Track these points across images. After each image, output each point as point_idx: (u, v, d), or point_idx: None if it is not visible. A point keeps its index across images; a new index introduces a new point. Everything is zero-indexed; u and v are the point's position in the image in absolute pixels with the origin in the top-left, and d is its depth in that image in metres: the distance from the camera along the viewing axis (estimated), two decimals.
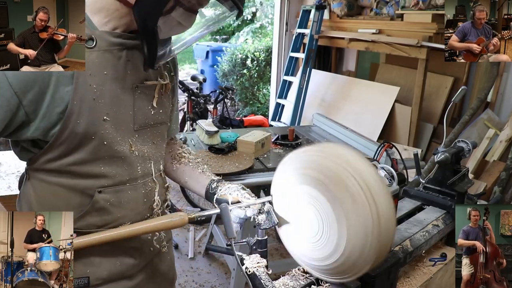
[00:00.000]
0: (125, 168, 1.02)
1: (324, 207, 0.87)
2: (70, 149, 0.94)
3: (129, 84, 0.99)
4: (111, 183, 1.00)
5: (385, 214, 0.82)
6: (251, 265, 0.95)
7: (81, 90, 0.90)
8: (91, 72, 0.91)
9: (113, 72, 0.95)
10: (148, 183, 1.09)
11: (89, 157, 0.96)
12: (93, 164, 0.97)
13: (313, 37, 4.30)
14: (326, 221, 0.87)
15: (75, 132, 0.92)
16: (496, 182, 2.85)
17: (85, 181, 0.98)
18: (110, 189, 1.01)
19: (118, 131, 0.98)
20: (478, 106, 3.15)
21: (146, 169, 1.08)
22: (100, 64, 0.93)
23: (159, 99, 1.07)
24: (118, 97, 0.97)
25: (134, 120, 1.01)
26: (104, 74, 0.94)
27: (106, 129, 0.95)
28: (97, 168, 0.98)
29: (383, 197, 0.83)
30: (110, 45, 0.93)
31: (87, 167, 0.97)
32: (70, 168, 0.96)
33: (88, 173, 0.98)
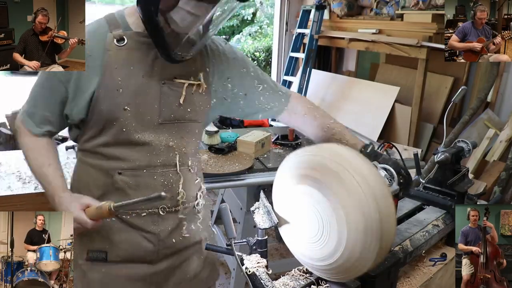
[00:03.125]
0: (144, 155, 1.09)
1: (322, 205, 0.87)
2: (97, 132, 1.07)
3: (157, 79, 1.07)
4: (130, 166, 1.09)
5: (385, 210, 0.82)
6: (251, 265, 0.95)
7: (106, 81, 1.03)
8: (117, 66, 1.03)
9: (140, 67, 1.05)
10: (169, 174, 1.13)
11: (111, 141, 1.07)
12: (115, 147, 1.08)
13: (313, 37, 4.30)
14: (326, 220, 0.87)
15: (99, 117, 1.05)
16: (496, 182, 2.85)
17: (108, 162, 1.09)
18: (128, 172, 1.09)
19: (139, 121, 1.07)
20: (478, 106, 3.15)
21: (169, 160, 1.12)
22: (128, 59, 1.04)
23: (188, 97, 1.12)
24: (143, 91, 1.06)
25: (160, 114, 1.09)
26: (131, 69, 1.04)
27: (126, 118, 1.05)
28: (118, 151, 1.08)
29: (381, 193, 0.83)
30: (139, 43, 1.04)
31: (110, 149, 1.08)
32: (99, 149, 1.09)
33: (111, 155, 1.08)
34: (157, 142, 1.10)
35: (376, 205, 0.82)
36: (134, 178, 1.09)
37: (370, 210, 0.82)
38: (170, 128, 1.11)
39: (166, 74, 1.08)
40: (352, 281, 0.94)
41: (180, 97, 1.10)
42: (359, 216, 0.83)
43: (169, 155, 1.12)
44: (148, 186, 1.10)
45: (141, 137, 1.07)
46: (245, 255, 0.98)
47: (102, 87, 1.03)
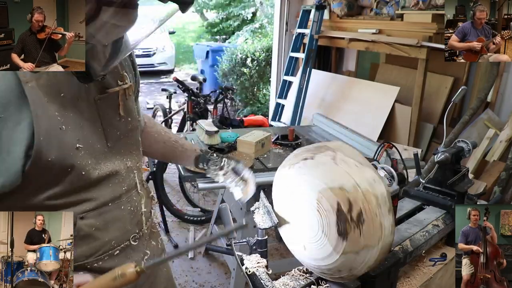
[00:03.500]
0: (106, 188, 0.95)
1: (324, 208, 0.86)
2: (45, 184, 0.86)
3: (91, 99, 0.90)
4: (93, 206, 0.93)
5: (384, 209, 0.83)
6: (251, 265, 0.95)
7: (44, 122, 0.80)
8: (47, 98, 0.81)
9: (69, 91, 0.86)
10: (133, 197, 1.03)
11: (67, 190, 0.88)
12: (72, 195, 0.89)
13: (313, 37, 4.30)
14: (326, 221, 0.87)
15: (49, 168, 0.83)
16: (496, 182, 2.85)
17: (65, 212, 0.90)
18: (92, 213, 0.93)
19: (93, 155, 0.90)
20: (478, 106, 3.15)
21: (131, 182, 1.02)
22: (53, 86, 0.83)
23: (125, 105, 0.98)
24: (83, 118, 0.88)
25: (106, 137, 0.94)
26: (62, 97, 0.84)
27: (82, 158, 0.88)
28: (76, 197, 0.90)
29: (380, 192, 0.83)
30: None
31: (64, 199, 0.89)
32: (48, 202, 0.88)
33: (67, 203, 0.89)
34: (117, 168, 0.96)
35: (375, 205, 0.82)
36: (100, 217, 0.94)
37: (370, 210, 0.82)
38: (119, 148, 0.98)
39: (95, 89, 0.91)
40: (352, 281, 0.94)
41: (119, 108, 0.96)
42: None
43: (130, 176, 1.01)
44: (117, 219, 0.98)
45: (100, 172, 0.91)
46: (245, 255, 0.98)
47: (41, 133, 0.80)
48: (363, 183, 0.84)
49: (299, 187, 0.91)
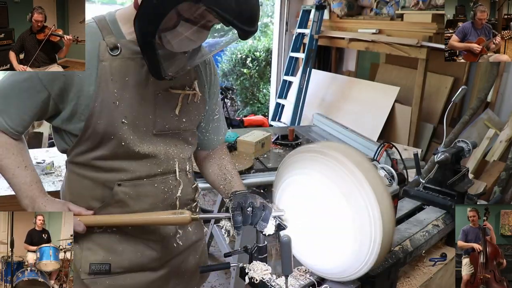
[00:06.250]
0: (144, 165, 1.07)
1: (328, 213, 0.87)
2: (94, 145, 1.03)
3: (151, 90, 1.04)
4: (129, 177, 1.06)
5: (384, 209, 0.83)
6: (257, 275, 0.93)
7: (102, 94, 0.98)
8: (113, 77, 0.98)
9: (135, 78, 1.01)
10: (169, 181, 1.12)
11: (109, 154, 1.03)
12: (113, 160, 1.04)
13: (313, 37, 4.30)
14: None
15: (96, 131, 1.00)
16: (496, 182, 2.85)
17: (106, 174, 1.05)
18: (128, 183, 1.06)
19: (136, 133, 1.03)
20: (478, 106, 3.15)
21: (169, 167, 1.11)
22: (122, 70, 0.99)
23: (184, 107, 1.10)
24: (138, 102, 1.02)
25: (154, 125, 1.06)
26: (126, 80, 1.00)
27: (124, 131, 1.01)
28: (116, 164, 1.05)
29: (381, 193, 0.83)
30: (133, 53, 0.99)
31: (107, 162, 1.04)
32: (94, 162, 1.05)
33: (109, 167, 1.05)
34: (156, 152, 1.08)
35: (376, 205, 0.82)
36: (134, 188, 1.07)
37: (370, 209, 0.82)
38: (165, 137, 1.10)
39: (160, 84, 1.04)
40: (352, 281, 0.94)
41: (176, 108, 1.08)
42: (359, 216, 0.83)
43: (169, 162, 1.11)
44: (149, 195, 1.09)
45: (140, 150, 1.05)
46: (245, 265, 0.97)
47: (97, 100, 0.98)
48: None
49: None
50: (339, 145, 0.94)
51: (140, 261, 1.12)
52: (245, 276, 0.95)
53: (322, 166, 0.88)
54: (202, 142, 1.25)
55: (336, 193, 0.86)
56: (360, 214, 0.83)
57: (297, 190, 0.95)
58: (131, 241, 1.11)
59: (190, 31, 0.91)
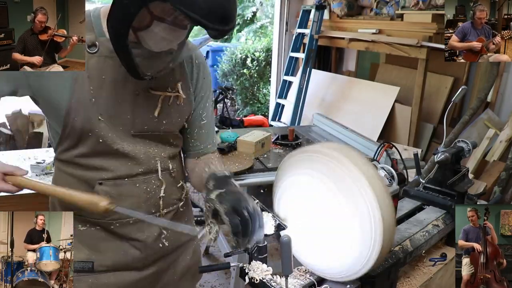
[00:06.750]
0: (124, 164, 1.06)
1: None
2: (74, 142, 1.03)
3: (131, 90, 1.02)
4: (110, 176, 1.05)
5: (385, 209, 0.83)
6: (257, 275, 0.93)
7: (79, 91, 0.98)
8: (89, 74, 0.98)
9: (112, 77, 1.00)
10: (152, 181, 1.11)
11: (89, 152, 1.03)
12: (93, 158, 1.04)
13: (313, 37, 4.30)
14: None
15: (74, 128, 1.00)
16: (496, 182, 2.85)
17: (88, 172, 1.05)
18: (109, 182, 1.05)
19: (114, 132, 1.03)
20: (478, 106, 3.15)
21: (150, 167, 1.10)
22: (99, 68, 0.99)
23: (165, 109, 1.07)
24: (115, 101, 1.01)
25: (133, 124, 1.05)
26: (103, 78, 0.99)
27: (101, 129, 1.01)
28: (97, 162, 1.04)
29: (381, 193, 0.83)
30: (111, 51, 0.95)
31: (88, 160, 1.04)
32: (77, 159, 1.05)
33: (91, 165, 1.05)
34: (136, 151, 1.06)
35: (376, 205, 0.82)
36: (115, 188, 1.06)
37: (370, 209, 0.82)
38: (145, 137, 1.08)
39: (140, 84, 1.02)
40: (352, 281, 0.94)
41: (156, 109, 1.06)
42: (359, 216, 0.83)
43: (150, 162, 1.09)
44: (131, 195, 1.08)
45: (119, 148, 1.04)
46: (245, 265, 0.97)
47: (74, 97, 0.98)
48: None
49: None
50: (339, 146, 0.94)
51: (124, 260, 1.11)
52: (245, 276, 0.95)
53: (322, 167, 0.88)
54: (187, 149, 1.21)
55: (336, 193, 0.86)
56: (360, 214, 0.83)
57: (297, 190, 0.95)
58: (115, 240, 1.10)
59: (165, 30, 0.90)
